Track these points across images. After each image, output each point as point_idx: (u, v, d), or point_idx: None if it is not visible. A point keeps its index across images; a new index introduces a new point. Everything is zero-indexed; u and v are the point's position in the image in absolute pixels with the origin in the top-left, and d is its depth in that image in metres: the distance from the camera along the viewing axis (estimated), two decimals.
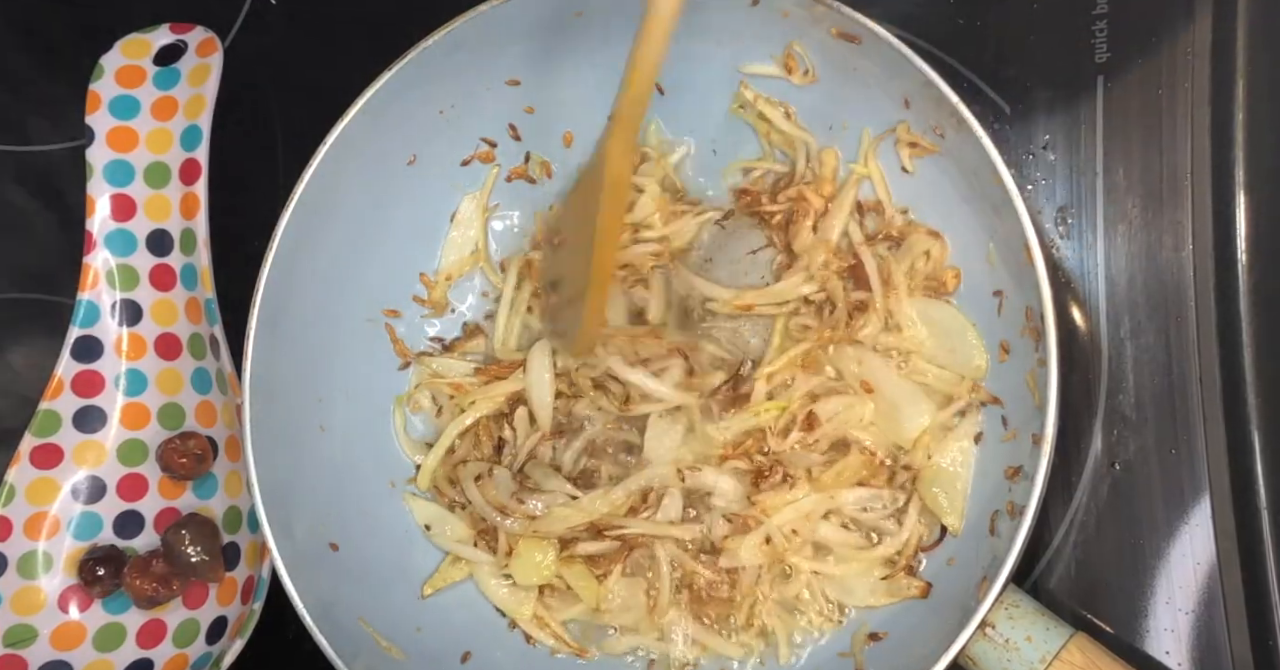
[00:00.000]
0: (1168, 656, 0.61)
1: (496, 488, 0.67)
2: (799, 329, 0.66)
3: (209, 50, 0.75)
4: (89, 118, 0.73)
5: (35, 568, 0.70)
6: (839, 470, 0.64)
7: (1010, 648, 0.55)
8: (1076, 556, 0.63)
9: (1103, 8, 0.66)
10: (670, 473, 0.65)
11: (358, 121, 0.63)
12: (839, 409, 0.64)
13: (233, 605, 0.70)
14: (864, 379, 0.64)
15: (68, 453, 0.71)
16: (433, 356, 0.72)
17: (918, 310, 0.64)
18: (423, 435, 0.72)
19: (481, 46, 0.65)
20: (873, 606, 0.63)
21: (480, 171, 0.72)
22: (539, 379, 0.68)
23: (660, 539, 0.65)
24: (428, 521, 0.69)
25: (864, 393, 0.64)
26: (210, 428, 0.73)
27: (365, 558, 0.66)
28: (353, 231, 0.67)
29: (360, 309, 0.70)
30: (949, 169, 0.61)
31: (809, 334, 0.65)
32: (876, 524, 0.64)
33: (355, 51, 0.69)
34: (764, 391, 0.65)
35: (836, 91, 0.65)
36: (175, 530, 0.70)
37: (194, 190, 0.73)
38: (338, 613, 0.62)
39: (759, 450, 0.65)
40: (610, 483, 0.66)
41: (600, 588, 0.66)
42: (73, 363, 0.72)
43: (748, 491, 0.64)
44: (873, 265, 0.64)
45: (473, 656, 0.66)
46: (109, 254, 0.73)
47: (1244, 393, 0.61)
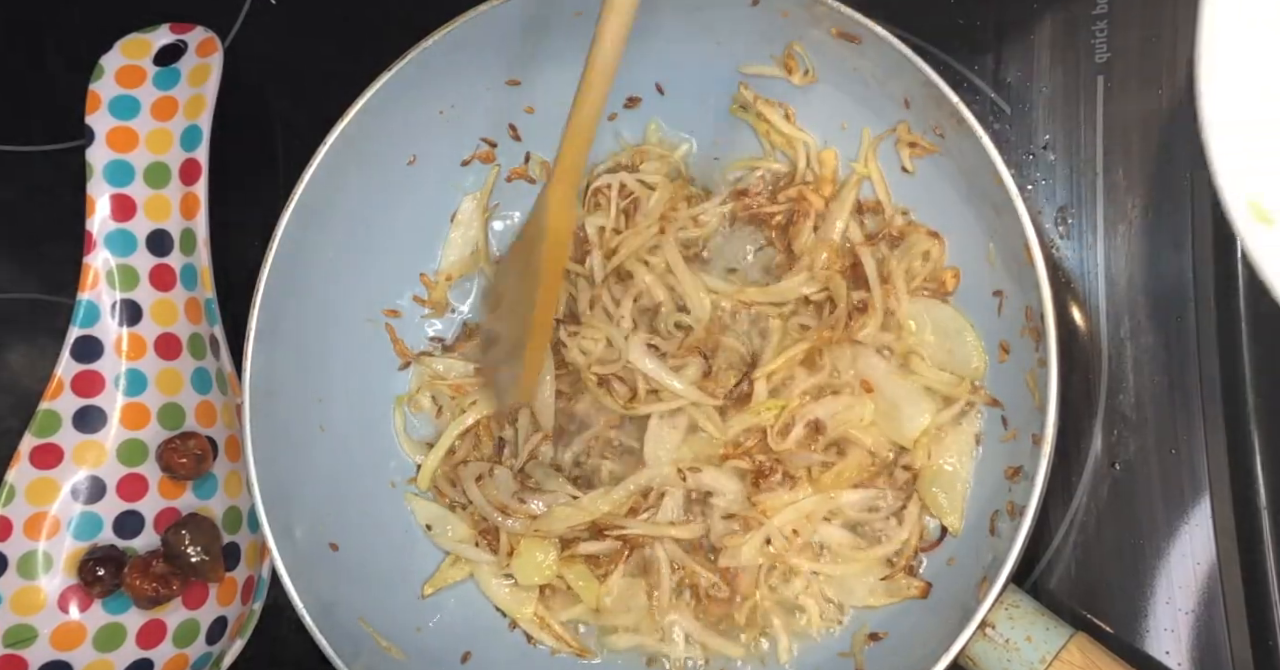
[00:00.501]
0: (1168, 656, 0.61)
1: (497, 487, 0.67)
2: (798, 329, 0.66)
3: (209, 50, 0.75)
4: (89, 118, 0.73)
5: (35, 568, 0.70)
6: (839, 471, 0.64)
7: (1010, 648, 0.55)
8: (1076, 556, 0.63)
9: (1103, 8, 0.66)
10: (671, 473, 0.65)
11: (358, 121, 0.63)
12: (839, 409, 0.64)
13: (233, 605, 0.70)
14: (864, 378, 0.64)
15: (68, 453, 0.71)
16: (433, 357, 0.72)
17: (917, 310, 0.64)
18: (424, 436, 0.72)
19: (481, 46, 0.65)
20: (872, 606, 0.63)
21: (481, 171, 0.72)
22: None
23: (660, 539, 0.65)
24: (429, 521, 0.69)
25: (864, 393, 0.64)
26: (210, 428, 0.73)
27: (365, 558, 0.66)
28: (353, 231, 0.67)
29: (360, 309, 0.70)
30: (949, 169, 0.61)
31: (808, 334, 0.65)
32: (876, 524, 0.64)
33: (355, 51, 0.69)
34: (765, 391, 0.64)
35: (836, 91, 0.65)
36: (175, 530, 0.70)
37: (194, 190, 0.73)
38: (338, 613, 0.62)
39: (760, 450, 0.65)
40: (611, 482, 0.66)
41: (601, 588, 0.66)
42: (73, 363, 0.72)
43: (748, 492, 0.64)
44: (872, 265, 0.64)
45: (473, 656, 0.66)
46: (109, 254, 0.73)
47: (1244, 393, 0.61)
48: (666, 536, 0.65)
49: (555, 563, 0.66)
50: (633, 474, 0.65)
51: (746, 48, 0.65)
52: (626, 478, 0.65)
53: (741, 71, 0.67)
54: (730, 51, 0.66)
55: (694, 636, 0.65)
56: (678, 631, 0.65)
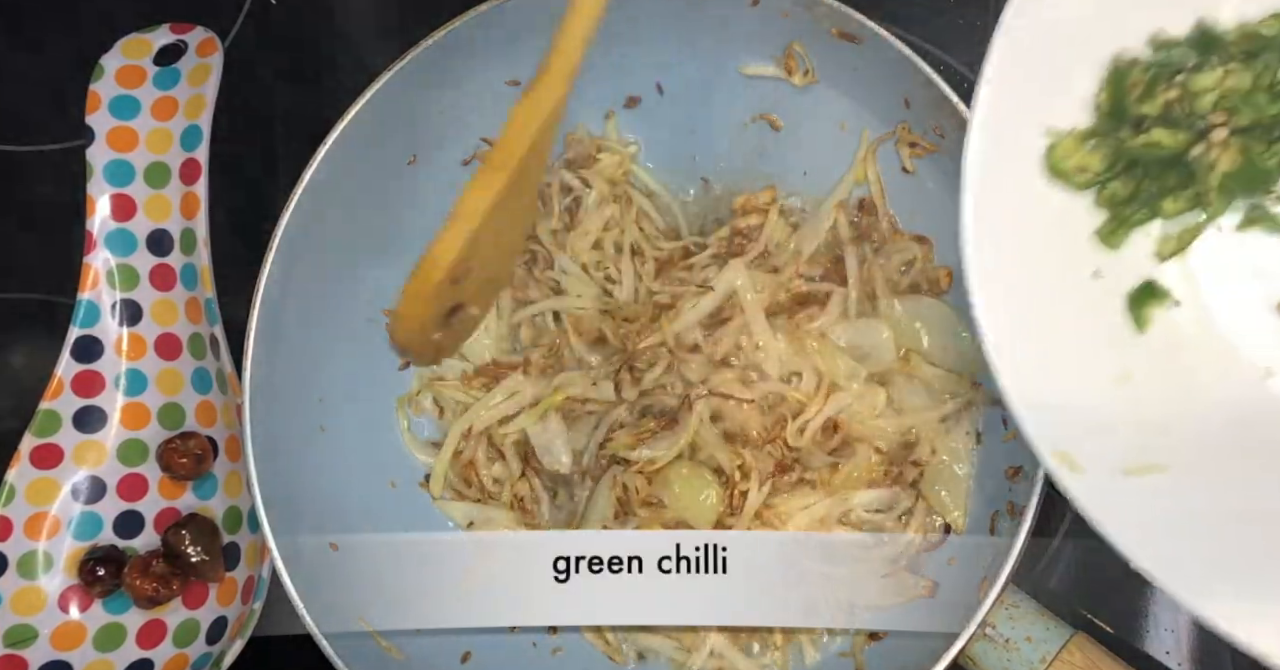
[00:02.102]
0: (1168, 656, 0.61)
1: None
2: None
3: (209, 50, 0.75)
4: (89, 118, 0.73)
5: (35, 568, 0.70)
6: (848, 471, 0.64)
7: (1010, 648, 0.55)
8: (1076, 556, 0.63)
9: None
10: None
11: (357, 121, 0.63)
12: (849, 401, 0.64)
13: (233, 605, 0.70)
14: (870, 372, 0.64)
15: (68, 453, 0.71)
16: None
17: (911, 308, 0.64)
18: (428, 436, 0.72)
19: (482, 46, 0.64)
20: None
21: None
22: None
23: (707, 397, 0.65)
24: (470, 519, 0.70)
25: (876, 385, 0.64)
26: (210, 428, 0.73)
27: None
28: (353, 231, 0.67)
29: (360, 309, 0.70)
30: (949, 168, 0.61)
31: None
32: (884, 524, 0.64)
33: (356, 51, 0.69)
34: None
35: (836, 91, 0.65)
36: (175, 530, 0.70)
37: (194, 190, 0.73)
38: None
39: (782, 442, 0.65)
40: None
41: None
42: (73, 363, 0.72)
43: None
44: (854, 263, 0.64)
45: (472, 656, 0.66)
46: (109, 254, 0.73)
47: None
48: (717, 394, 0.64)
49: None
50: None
51: (747, 48, 0.65)
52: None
53: (741, 72, 0.67)
54: (730, 51, 0.66)
55: (717, 650, 0.65)
56: (705, 642, 0.65)
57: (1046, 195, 0.50)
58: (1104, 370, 0.50)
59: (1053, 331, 0.50)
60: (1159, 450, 0.49)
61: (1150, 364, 0.51)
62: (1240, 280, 0.53)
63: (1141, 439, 0.49)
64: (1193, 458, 0.49)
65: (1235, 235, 0.52)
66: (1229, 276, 0.53)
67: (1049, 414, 0.48)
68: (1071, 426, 0.48)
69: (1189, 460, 0.49)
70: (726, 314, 0.66)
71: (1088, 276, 0.51)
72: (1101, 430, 0.49)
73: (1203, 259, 0.53)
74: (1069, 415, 0.48)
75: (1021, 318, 0.49)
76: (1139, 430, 0.49)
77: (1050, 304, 0.50)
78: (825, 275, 0.66)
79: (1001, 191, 0.49)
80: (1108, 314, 0.52)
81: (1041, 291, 0.50)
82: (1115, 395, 0.50)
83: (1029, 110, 0.49)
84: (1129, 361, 0.51)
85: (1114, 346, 0.51)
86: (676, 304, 0.66)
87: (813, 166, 0.69)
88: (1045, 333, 0.50)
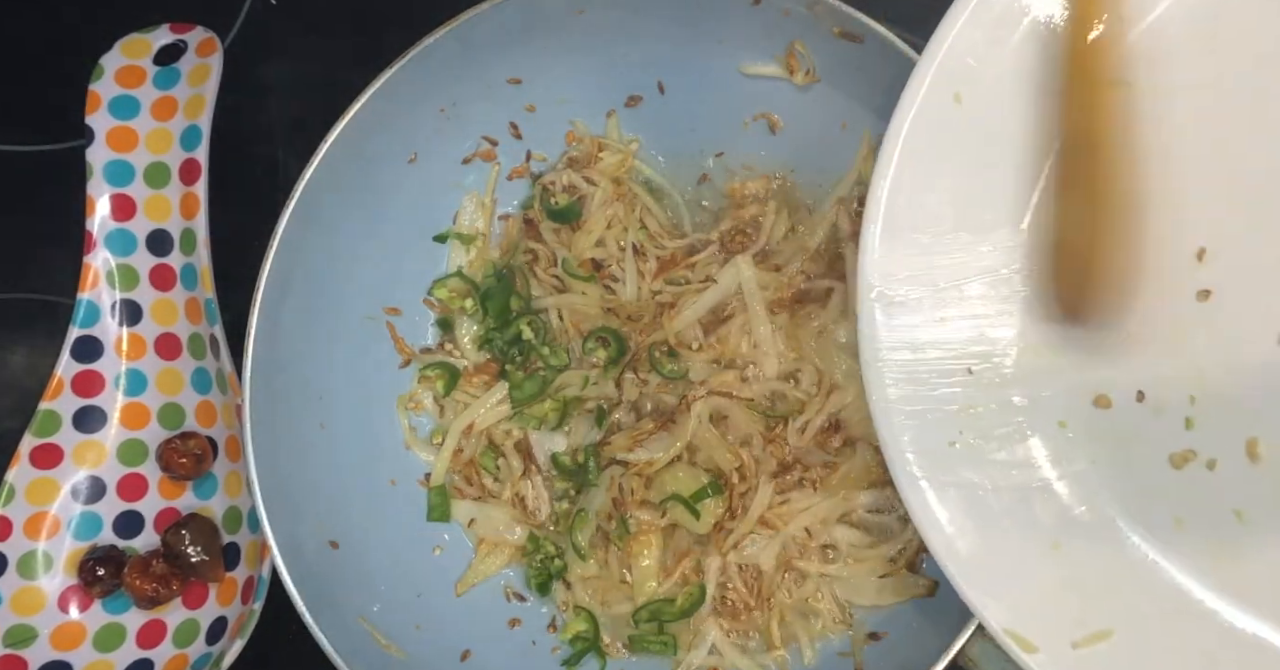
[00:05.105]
0: None
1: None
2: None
3: (209, 50, 0.75)
4: (89, 118, 0.73)
5: (35, 568, 0.70)
6: (845, 472, 0.64)
7: None
8: None
9: None
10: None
11: (358, 121, 0.63)
12: (849, 400, 0.64)
13: (233, 605, 0.70)
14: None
15: (68, 453, 0.71)
16: (434, 354, 0.72)
17: None
18: (430, 433, 0.72)
19: (482, 45, 0.65)
20: (881, 605, 0.63)
21: (482, 170, 0.72)
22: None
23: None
24: (471, 517, 0.70)
25: None
26: (210, 428, 0.73)
27: (365, 557, 0.66)
28: (353, 230, 0.67)
29: (360, 307, 0.70)
30: None
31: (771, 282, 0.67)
32: (884, 524, 0.64)
33: (356, 51, 0.69)
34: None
35: (837, 91, 0.65)
36: (175, 530, 0.70)
37: (194, 190, 0.73)
38: (338, 612, 0.62)
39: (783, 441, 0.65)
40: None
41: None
42: (73, 363, 0.72)
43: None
44: (852, 259, 0.64)
45: (472, 655, 0.66)
46: (109, 254, 0.73)
47: None
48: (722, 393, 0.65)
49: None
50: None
51: (748, 46, 0.65)
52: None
53: (742, 71, 0.67)
54: (732, 50, 0.66)
55: (717, 646, 0.65)
56: (706, 640, 0.65)
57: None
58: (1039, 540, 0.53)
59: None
60: (1100, 614, 0.51)
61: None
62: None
63: (1083, 604, 0.52)
64: (1131, 618, 0.51)
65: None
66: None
67: (997, 586, 0.51)
68: (1019, 597, 0.51)
69: (1128, 621, 0.51)
70: (728, 312, 0.66)
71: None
72: (1044, 600, 0.52)
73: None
74: (1014, 585, 0.52)
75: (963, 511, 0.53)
76: (1080, 594, 0.52)
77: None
78: (825, 272, 0.66)
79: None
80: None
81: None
82: (1052, 560, 0.53)
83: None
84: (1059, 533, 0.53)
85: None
86: (678, 302, 0.67)
87: (813, 165, 0.69)
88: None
